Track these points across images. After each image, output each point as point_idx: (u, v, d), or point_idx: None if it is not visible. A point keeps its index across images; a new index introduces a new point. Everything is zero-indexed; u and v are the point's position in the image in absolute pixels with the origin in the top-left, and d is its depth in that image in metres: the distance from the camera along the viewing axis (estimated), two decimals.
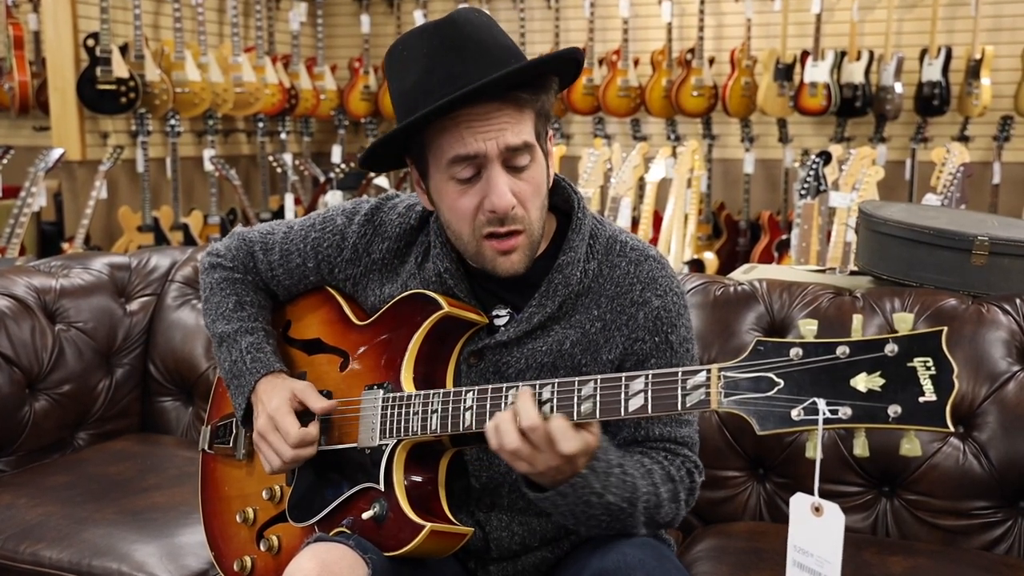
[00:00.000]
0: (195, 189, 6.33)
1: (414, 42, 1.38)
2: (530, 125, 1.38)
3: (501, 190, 1.36)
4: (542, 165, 1.42)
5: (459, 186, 1.39)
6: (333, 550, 1.34)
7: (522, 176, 1.39)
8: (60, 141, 5.44)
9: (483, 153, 1.35)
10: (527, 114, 1.37)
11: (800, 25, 6.33)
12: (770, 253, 6.05)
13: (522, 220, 1.39)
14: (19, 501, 1.95)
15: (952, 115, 6.17)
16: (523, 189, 1.39)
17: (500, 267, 1.42)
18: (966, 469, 1.85)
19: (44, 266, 2.46)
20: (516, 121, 1.36)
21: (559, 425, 1.26)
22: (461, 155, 1.36)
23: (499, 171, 1.36)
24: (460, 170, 1.37)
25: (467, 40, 1.34)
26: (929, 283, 2.08)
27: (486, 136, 1.34)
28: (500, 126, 1.35)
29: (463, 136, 1.35)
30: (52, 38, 5.45)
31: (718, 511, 1.99)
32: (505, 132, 1.35)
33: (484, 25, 1.37)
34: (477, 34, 1.35)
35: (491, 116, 1.34)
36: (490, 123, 1.34)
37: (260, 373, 1.55)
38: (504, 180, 1.36)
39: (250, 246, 1.67)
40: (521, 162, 1.38)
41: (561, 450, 1.26)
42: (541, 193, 1.42)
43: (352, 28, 7.34)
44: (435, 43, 1.35)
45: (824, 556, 1.14)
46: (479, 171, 1.37)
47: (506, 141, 1.35)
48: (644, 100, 6.46)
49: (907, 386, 1.08)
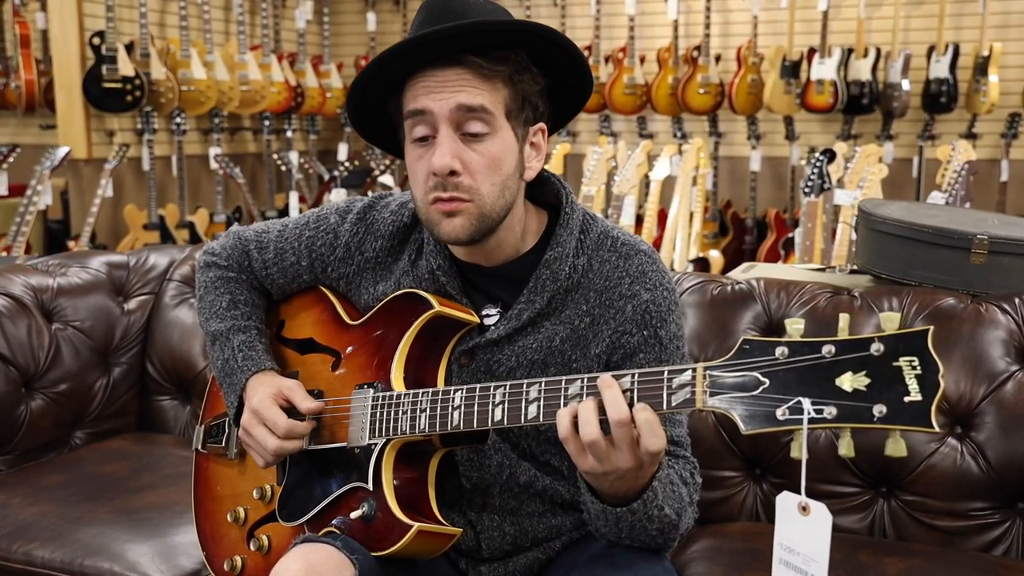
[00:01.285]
0: (201, 187, 6.34)
1: (417, 14, 1.42)
2: (497, 97, 1.37)
3: (441, 151, 1.35)
4: (507, 144, 1.39)
5: (416, 148, 1.40)
6: (319, 551, 1.34)
7: (476, 147, 1.37)
8: (66, 139, 5.45)
9: (431, 110, 1.35)
10: (495, 85, 1.36)
11: (807, 22, 6.30)
12: (776, 251, 6.03)
13: (467, 189, 1.37)
14: (13, 500, 1.96)
15: (960, 112, 6.14)
16: (473, 159, 1.37)
17: (443, 230, 1.40)
18: (964, 470, 1.84)
19: (42, 265, 2.46)
20: (474, 86, 1.35)
21: (649, 418, 1.19)
22: (411, 109, 1.37)
23: (447, 133, 1.36)
24: (416, 127, 1.38)
25: (452, 12, 1.35)
26: (928, 282, 2.07)
27: (439, 95, 1.35)
28: (455, 88, 1.35)
29: (417, 93, 1.36)
30: (58, 36, 5.47)
31: (714, 511, 1.97)
32: (458, 93, 1.35)
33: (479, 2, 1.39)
34: (464, 7, 1.36)
35: (448, 79, 1.35)
36: (445, 84, 1.35)
37: (251, 371, 1.55)
38: (450, 143, 1.36)
39: (245, 245, 1.67)
40: (474, 128, 1.36)
41: (646, 447, 1.19)
42: (499, 170, 1.39)
43: (358, 26, 7.35)
44: (426, 15, 1.38)
45: (810, 555, 1.13)
46: (434, 134, 1.37)
47: (457, 100, 1.34)
48: (650, 98, 6.45)
49: (892, 386, 1.07)
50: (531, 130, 1.44)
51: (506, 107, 1.38)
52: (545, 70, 1.43)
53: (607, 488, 1.29)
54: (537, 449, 1.49)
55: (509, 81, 1.38)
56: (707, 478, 1.93)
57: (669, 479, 1.36)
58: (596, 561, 1.41)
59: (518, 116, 1.40)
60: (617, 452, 1.22)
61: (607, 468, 1.23)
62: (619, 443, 1.21)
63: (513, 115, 1.39)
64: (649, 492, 1.29)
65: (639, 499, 1.29)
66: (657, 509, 1.31)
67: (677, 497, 1.36)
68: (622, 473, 1.24)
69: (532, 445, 1.49)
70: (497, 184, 1.39)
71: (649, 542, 1.37)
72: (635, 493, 1.30)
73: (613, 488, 1.28)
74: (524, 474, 1.49)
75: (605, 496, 1.32)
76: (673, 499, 1.35)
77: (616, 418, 1.19)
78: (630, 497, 1.30)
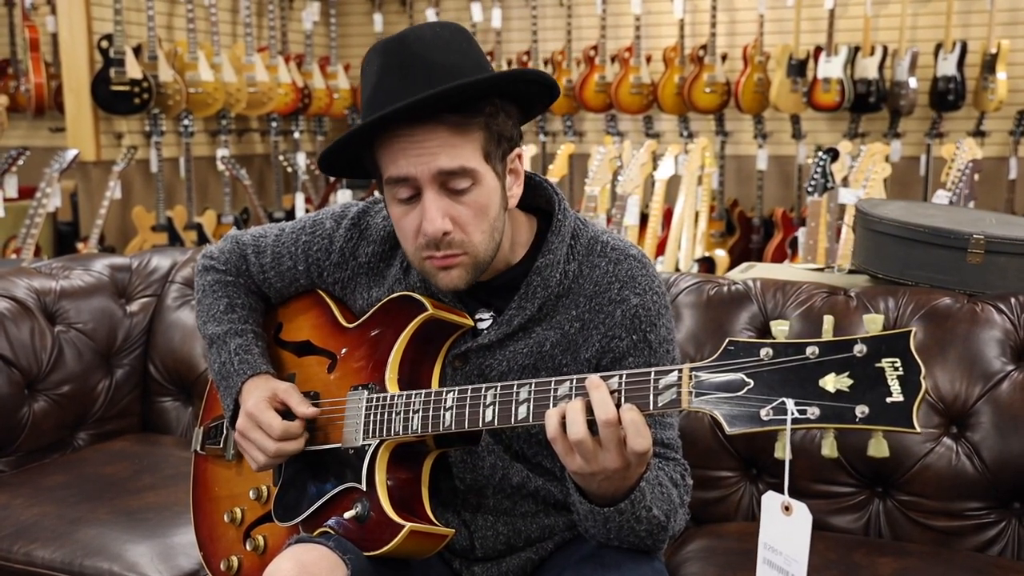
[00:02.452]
0: (209, 189, 6.37)
1: (373, 56, 1.38)
2: (473, 148, 1.35)
3: (432, 215, 1.34)
4: (490, 188, 1.38)
5: (401, 206, 1.38)
6: (312, 551, 1.35)
7: (462, 199, 1.36)
8: (75, 142, 5.49)
9: (413, 176, 1.34)
10: (470, 137, 1.34)
11: (813, 20, 6.29)
12: (783, 250, 6.02)
13: (461, 244, 1.38)
14: (15, 501, 1.98)
15: (968, 110, 6.12)
16: (462, 213, 1.36)
17: (440, 282, 1.41)
18: (959, 470, 1.84)
19: (45, 268, 2.48)
20: (452, 145, 1.33)
21: (634, 418, 1.20)
22: (393, 176, 1.36)
23: (432, 195, 1.35)
24: (398, 190, 1.37)
25: (414, 58, 1.33)
26: (925, 282, 2.07)
27: (418, 160, 1.33)
28: (433, 150, 1.33)
29: (396, 158, 1.34)
30: (67, 40, 5.51)
31: (711, 511, 1.98)
32: (438, 156, 1.33)
33: (438, 41, 1.35)
34: (426, 52, 1.33)
35: (425, 139, 1.32)
36: (424, 146, 1.32)
37: (246, 374, 1.56)
38: (437, 204, 1.35)
39: (243, 249, 1.69)
40: (459, 185, 1.35)
41: (632, 447, 1.20)
42: (487, 216, 1.38)
43: (365, 27, 7.37)
44: (384, 60, 1.35)
45: (792, 555, 1.13)
46: (418, 193, 1.36)
47: (438, 165, 1.33)
48: (656, 97, 6.44)
49: (875, 387, 1.08)
50: (508, 159, 1.43)
51: (484, 152, 1.37)
52: (518, 101, 1.42)
53: (595, 489, 1.30)
54: (529, 451, 1.50)
55: (485, 127, 1.36)
56: (703, 478, 1.95)
57: (658, 480, 1.37)
58: (586, 562, 1.42)
59: (496, 154, 1.39)
60: (604, 452, 1.23)
61: (594, 468, 1.24)
62: (606, 443, 1.22)
63: (492, 156, 1.38)
64: (636, 493, 1.30)
65: (626, 499, 1.30)
66: (645, 510, 1.32)
67: (666, 499, 1.37)
68: (609, 473, 1.25)
69: (524, 447, 1.50)
70: (487, 230, 1.39)
71: (638, 543, 1.37)
72: (622, 494, 1.31)
73: (601, 489, 1.29)
74: (517, 475, 1.50)
75: (593, 497, 1.33)
76: (662, 500, 1.36)
77: (604, 418, 1.21)
78: (617, 498, 1.31)
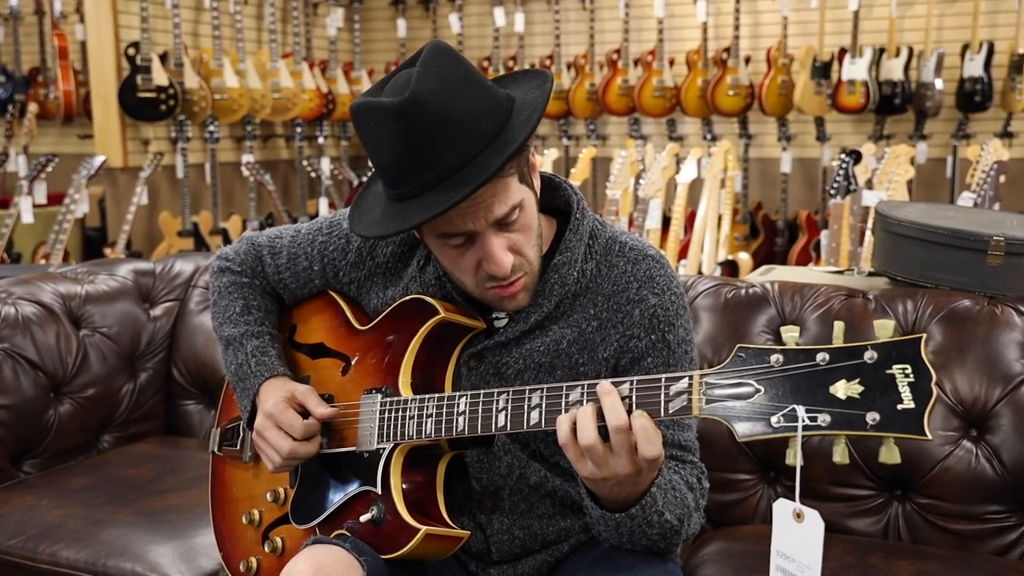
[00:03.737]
0: (234, 194, 6.42)
1: (380, 118, 1.30)
2: (514, 182, 1.36)
3: (499, 258, 1.36)
4: (531, 204, 1.40)
5: (455, 249, 1.39)
6: (329, 552, 1.36)
7: (514, 227, 1.38)
8: (103, 148, 5.56)
9: (473, 231, 1.35)
10: (511, 175, 1.35)
11: (837, 22, 6.26)
12: (808, 253, 5.99)
13: (521, 267, 1.41)
14: (41, 502, 2.01)
15: (995, 111, 6.07)
16: (517, 240, 1.39)
17: (507, 306, 1.44)
18: (979, 472, 1.83)
19: (70, 272, 2.52)
20: (500, 190, 1.34)
21: (645, 424, 1.21)
22: (449, 232, 1.36)
23: (492, 238, 1.36)
24: (452, 240, 1.38)
25: (437, 118, 1.28)
26: (945, 284, 2.06)
27: (475, 216, 1.34)
28: (487, 203, 1.33)
29: (450, 218, 1.33)
30: (95, 47, 5.57)
31: (728, 514, 1.98)
32: (492, 208, 1.34)
33: (451, 88, 1.30)
34: (446, 108, 1.28)
35: (477, 198, 1.32)
36: (476, 204, 1.33)
37: (263, 376, 1.58)
38: (499, 244, 1.36)
39: (258, 250, 1.70)
40: (512, 218, 1.37)
41: (643, 454, 1.21)
42: (534, 228, 1.41)
43: (389, 32, 7.40)
44: (402, 125, 1.29)
45: (804, 562, 1.14)
46: (471, 236, 1.37)
47: (494, 215, 1.34)
48: (679, 100, 6.43)
49: (886, 393, 1.08)
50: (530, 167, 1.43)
51: (519, 176, 1.37)
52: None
53: (606, 494, 1.31)
54: (546, 451, 1.51)
55: (517, 158, 1.36)
56: (721, 481, 1.95)
57: (671, 484, 1.37)
58: (598, 563, 1.43)
59: (526, 170, 1.40)
60: (615, 458, 1.24)
61: (605, 474, 1.25)
62: (617, 449, 1.23)
63: (525, 176, 1.39)
64: (648, 498, 1.30)
65: (637, 505, 1.31)
66: (657, 515, 1.32)
67: (679, 503, 1.37)
68: (620, 479, 1.26)
69: (541, 447, 1.51)
70: (536, 243, 1.43)
71: (651, 546, 1.38)
72: (634, 499, 1.31)
73: (612, 493, 1.30)
74: (534, 475, 1.50)
75: (605, 502, 1.33)
76: (675, 505, 1.36)
77: (615, 424, 1.21)
78: (629, 503, 1.31)
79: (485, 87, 1.35)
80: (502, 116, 1.33)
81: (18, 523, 1.95)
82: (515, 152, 1.31)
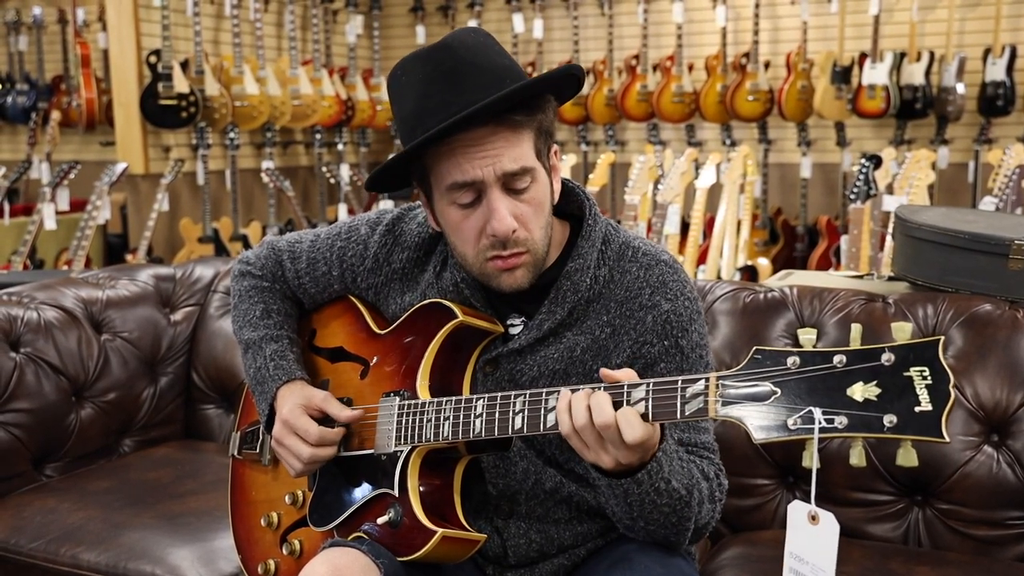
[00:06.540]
0: (254, 200, 6.46)
1: (411, 66, 1.40)
2: (528, 146, 1.39)
3: (502, 214, 1.37)
4: (544, 183, 1.43)
5: (461, 210, 1.41)
6: (346, 555, 1.37)
7: (523, 198, 1.40)
8: (124, 155, 5.61)
9: (480, 179, 1.37)
10: (525, 135, 1.38)
11: (858, 27, 6.23)
12: (828, 258, 5.96)
13: (525, 242, 1.41)
14: (63, 505, 2.03)
15: (1017, 115, 6.03)
16: (524, 211, 1.40)
17: (504, 283, 1.44)
18: (1000, 478, 1.82)
19: (92, 278, 2.54)
20: (512, 144, 1.37)
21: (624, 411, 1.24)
22: (459, 182, 1.38)
23: (499, 195, 1.38)
24: (460, 195, 1.39)
25: (461, 63, 1.36)
26: (965, 288, 2.04)
27: (483, 163, 1.36)
28: (496, 152, 1.36)
29: (460, 163, 1.36)
30: (117, 55, 5.63)
31: (747, 519, 1.97)
32: (502, 158, 1.36)
33: (480, 46, 1.38)
34: (471, 56, 1.36)
35: (486, 141, 1.35)
36: (486, 149, 1.35)
37: (281, 380, 1.59)
38: (504, 204, 1.38)
39: (278, 255, 1.71)
40: (521, 184, 1.39)
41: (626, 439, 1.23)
42: (544, 211, 1.43)
43: (408, 39, 7.43)
44: (429, 68, 1.37)
45: (819, 564, 1.13)
46: (479, 195, 1.39)
47: (503, 167, 1.36)
48: (699, 106, 6.42)
49: (903, 396, 1.08)
50: (551, 155, 1.46)
51: (536, 149, 1.40)
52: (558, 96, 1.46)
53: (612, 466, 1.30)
54: (561, 457, 1.51)
55: (537, 125, 1.40)
56: (740, 486, 1.94)
57: (678, 455, 1.37)
58: (615, 567, 1.43)
59: (544, 150, 1.43)
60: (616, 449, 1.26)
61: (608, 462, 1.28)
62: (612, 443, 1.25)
63: (542, 153, 1.42)
64: (653, 463, 1.30)
65: (642, 470, 1.30)
66: (664, 482, 1.31)
67: (687, 473, 1.36)
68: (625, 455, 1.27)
69: (556, 453, 1.51)
70: (544, 226, 1.44)
71: (663, 522, 1.37)
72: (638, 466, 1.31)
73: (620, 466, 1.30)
74: (549, 480, 1.50)
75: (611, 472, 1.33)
76: (682, 474, 1.35)
77: (600, 422, 1.24)
78: (634, 470, 1.31)
79: (514, 61, 1.41)
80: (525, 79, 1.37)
81: (40, 525, 1.97)
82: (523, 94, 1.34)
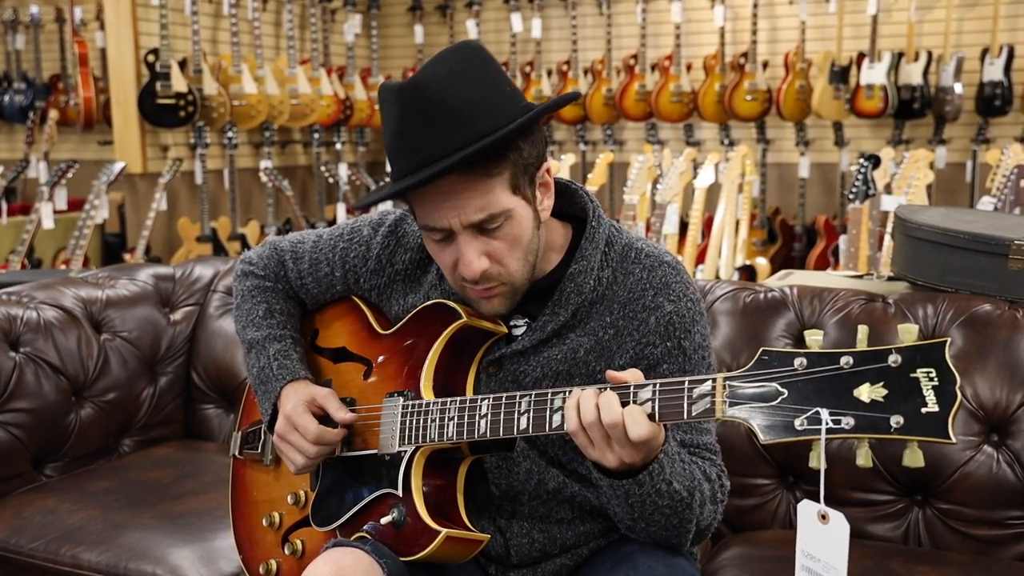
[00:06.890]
0: (252, 199, 6.45)
1: (387, 97, 1.37)
2: (501, 190, 1.36)
3: (468, 259, 1.37)
4: (521, 218, 1.39)
5: (436, 244, 1.42)
6: (349, 555, 1.37)
7: (496, 235, 1.38)
8: (122, 155, 5.59)
9: (447, 228, 1.37)
10: (496, 180, 1.35)
11: (856, 27, 6.24)
12: (826, 258, 5.97)
13: (499, 276, 1.40)
14: (63, 506, 2.03)
15: (1015, 115, 6.04)
16: (497, 248, 1.39)
17: (483, 309, 1.45)
18: (1000, 478, 1.82)
19: (91, 277, 2.54)
20: (480, 194, 1.34)
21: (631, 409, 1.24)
22: (428, 225, 1.39)
23: (467, 240, 1.37)
24: (433, 234, 1.40)
25: (432, 105, 1.32)
26: (965, 288, 2.05)
27: (449, 213, 1.35)
28: (461, 203, 1.34)
29: (428, 211, 1.37)
30: (115, 54, 5.61)
31: (747, 519, 1.97)
32: (466, 208, 1.34)
33: (455, 78, 1.33)
34: (441, 96, 1.32)
35: (452, 192, 1.34)
36: (451, 200, 1.34)
37: (285, 380, 1.59)
38: (473, 247, 1.37)
39: (281, 255, 1.71)
40: (492, 225, 1.37)
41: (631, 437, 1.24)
42: (521, 244, 1.40)
43: (406, 39, 7.43)
44: (401, 106, 1.35)
45: (830, 562, 1.14)
46: (451, 233, 1.38)
47: (468, 218, 1.35)
48: (697, 105, 6.42)
49: (910, 397, 1.08)
50: (537, 177, 1.42)
51: (512, 186, 1.37)
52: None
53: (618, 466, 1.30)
54: (564, 457, 1.51)
55: (511, 164, 1.36)
56: (740, 486, 1.94)
57: (680, 456, 1.37)
58: (618, 567, 1.43)
59: (524, 182, 1.39)
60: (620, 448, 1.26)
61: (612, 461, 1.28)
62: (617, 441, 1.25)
63: (520, 187, 1.38)
64: (655, 464, 1.30)
65: (644, 471, 1.30)
66: (665, 483, 1.32)
67: (688, 475, 1.36)
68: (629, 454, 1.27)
69: (559, 453, 1.51)
70: (521, 257, 1.42)
71: (665, 523, 1.37)
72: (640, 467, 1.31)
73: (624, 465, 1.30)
74: (552, 481, 1.51)
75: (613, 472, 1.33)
76: (683, 476, 1.35)
77: (608, 420, 1.24)
78: (636, 470, 1.31)
79: (499, 88, 1.36)
80: (505, 118, 1.33)
81: (40, 526, 1.96)
82: (486, 150, 1.30)
